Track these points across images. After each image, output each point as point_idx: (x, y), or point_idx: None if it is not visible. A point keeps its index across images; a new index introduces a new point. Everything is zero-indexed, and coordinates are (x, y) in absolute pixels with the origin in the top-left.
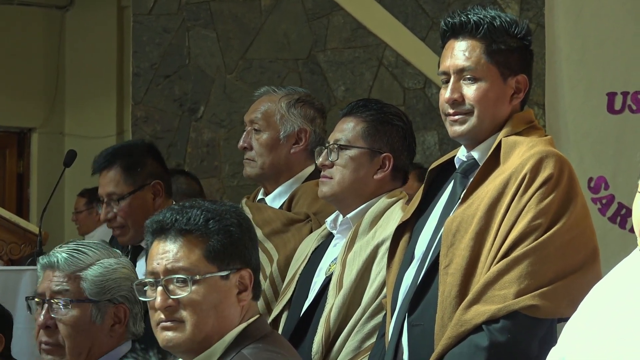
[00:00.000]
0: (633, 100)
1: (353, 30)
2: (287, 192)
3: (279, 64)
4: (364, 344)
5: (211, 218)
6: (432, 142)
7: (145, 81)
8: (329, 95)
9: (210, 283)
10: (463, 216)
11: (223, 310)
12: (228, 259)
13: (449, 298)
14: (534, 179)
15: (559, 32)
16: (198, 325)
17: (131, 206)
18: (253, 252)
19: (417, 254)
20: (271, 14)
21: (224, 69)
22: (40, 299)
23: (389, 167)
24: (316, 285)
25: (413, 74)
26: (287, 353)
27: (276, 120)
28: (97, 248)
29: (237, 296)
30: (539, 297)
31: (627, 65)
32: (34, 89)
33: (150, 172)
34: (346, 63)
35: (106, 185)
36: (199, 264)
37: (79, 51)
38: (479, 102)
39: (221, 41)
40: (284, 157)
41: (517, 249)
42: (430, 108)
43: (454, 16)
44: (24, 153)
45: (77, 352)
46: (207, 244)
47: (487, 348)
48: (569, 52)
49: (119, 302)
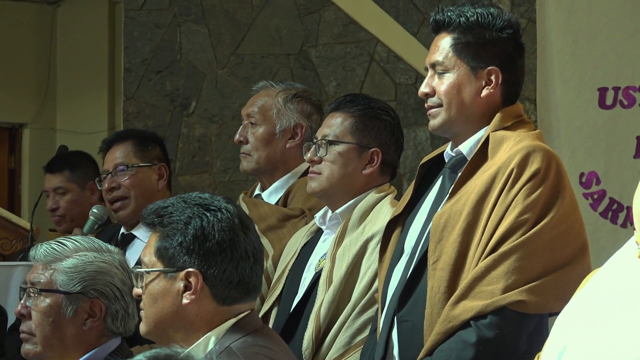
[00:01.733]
0: (624, 95)
1: (344, 25)
2: (284, 187)
3: (270, 59)
4: (355, 339)
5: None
6: (424, 137)
7: (137, 76)
8: (320, 90)
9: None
10: (451, 211)
11: (162, 303)
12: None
13: (437, 294)
14: (521, 174)
15: (551, 27)
16: (146, 317)
17: (137, 178)
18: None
19: (407, 249)
20: (263, 9)
21: (216, 65)
22: (23, 288)
23: (377, 162)
24: (306, 281)
25: (404, 69)
26: (277, 348)
27: (273, 114)
28: (79, 242)
29: (182, 295)
30: (527, 293)
31: (618, 60)
32: (25, 84)
33: (158, 156)
34: (338, 58)
35: (114, 158)
36: (151, 258)
37: (71, 46)
38: (445, 94)
39: (213, 36)
40: (280, 152)
41: (505, 244)
42: (421, 103)
43: (436, 13)
44: (15, 148)
45: (47, 342)
46: (159, 240)
47: (475, 344)
48: (561, 47)
49: (93, 296)
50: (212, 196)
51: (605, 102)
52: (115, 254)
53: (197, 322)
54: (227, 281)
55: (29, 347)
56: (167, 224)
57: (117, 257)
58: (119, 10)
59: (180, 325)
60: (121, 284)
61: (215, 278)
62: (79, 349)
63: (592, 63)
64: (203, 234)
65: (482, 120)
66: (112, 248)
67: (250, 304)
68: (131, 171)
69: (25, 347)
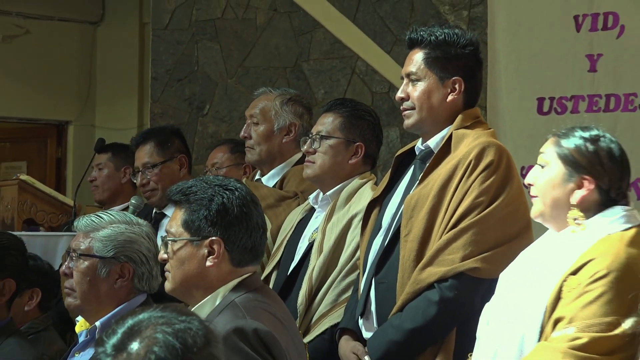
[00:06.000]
0: (558, 104)
1: (332, 44)
2: (280, 174)
3: (270, 71)
4: (340, 298)
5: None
6: (395, 136)
7: (162, 84)
8: (311, 97)
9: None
10: (420, 194)
11: (189, 266)
12: (200, 229)
13: (408, 261)
14: (478, 165)
15: (499, 47)
16: (173, 277)
17: (162, 173)
18: (229, 227)
19: (384, 225)
20: (265, 30)
21: (226, 75)
22: (67, 252)
23: (361, 154)
24: (301, 250)
25: (380, 80)
26: (274, 303)
27: (271, 115)
28: (115, 216)
29: (207, 259)
30: (480, 261)
31: (554, 75)
32: (70, 89)
33: (177, 148)
34: (325, 71)
35: (142, 157)
36: (178, 229)
37: (108, 59)
38: (418, 99)
39: (224, 52)
40: (277, 146)
41: (464, 222)
42: (393, 108)
43: (411, 32)
44: (62, 141)
45: (85, 297)
46: (186, 214)
47: (438, 302)
48: (507, 64)
49: (123, 261)
50: (226, 178)
51: (543, 110)
52: (143, 226)
53: (215, 282)
54: (242, 247)
55: (70, 300)
56: (193, 201)
57: (144, 229)
58: (148, 30)
59: (202, 284)
60: (147, 251)
61: (233, 245)
62: (111, 303)
63: (532, 77)
64: (224, 209)
65: (447, 121)
66: (141, 221)
67: (256, 266)
68: (156, 169)
69: (68, 300)
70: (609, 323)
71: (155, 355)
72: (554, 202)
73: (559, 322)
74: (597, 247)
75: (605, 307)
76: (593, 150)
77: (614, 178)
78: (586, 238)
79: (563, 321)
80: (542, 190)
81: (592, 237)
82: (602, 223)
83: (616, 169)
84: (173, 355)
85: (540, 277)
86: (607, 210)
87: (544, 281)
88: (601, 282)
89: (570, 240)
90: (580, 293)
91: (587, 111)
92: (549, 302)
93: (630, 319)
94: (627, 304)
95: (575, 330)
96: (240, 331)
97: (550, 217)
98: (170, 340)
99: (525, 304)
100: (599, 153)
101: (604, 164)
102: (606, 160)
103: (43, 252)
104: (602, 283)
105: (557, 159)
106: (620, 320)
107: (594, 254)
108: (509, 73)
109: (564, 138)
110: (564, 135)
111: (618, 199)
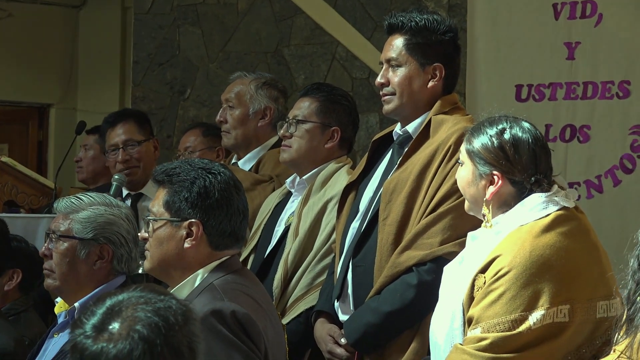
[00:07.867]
0: (536, 91)
1: (312, 30)
2: (255, 157)
3: (251, 56)
4: (315, 281)
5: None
6: (374, 121)
7: (143, 68)
8: (291, 82)
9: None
10: (399, 179)
11: (167, 246)
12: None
13: (386, 245)
14: (457, 150)
15: (478, 35)
16: (151, 256)
17: (143, 150)
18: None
19: (361, 209)
20: (246, 15)
21: (207, 59)
22: (47, 233)
23: (337, 138)
24: (277, 234)
25: (360, 66)
26: (252, 285)
27: (246, 99)
28: (94, 197)
29: (185, 240)
30: (458, 246)
31: (532, 62)
32: (53, 72)
33: (151, 131)
34: (306, 57)
35: (124, 134)
36: (159, 209)
37: (90, 42)
38: (399, 85)
39: (205, 37)
40: (253, 130)
41: (442, 206)
42: (373, 94)
43: (390, 17)
44: (43, 124)
45: (64, 278)
46: (168, 194)
47: (416, 285)
48: (486, 52)
49: (103, 242)
50: (210, 162)
51: (521, 96)
52: (123, 208)
53: (193, 263)
54: (221, 231)
55: (50, 282)
56: (176, 182)
57: (124, 211)
58: (130, 14)
59: (179, 265)
60: (126, 233)
61: (212, 228)
62: (90, 284)
63: (511, 64)
64: (205, 192)
65: (426, 106)
66: (120, 203)
67: (236, 250)
68: (140, 146)
69: (47, 281)
70: (513, 320)
71: (139, 333)
72: (472, 199)
73: (471, 322)
74: (504, 243)
75: (507, 305)
76: (498, 145)
77: (524, 168)
78: (500, 233)
79: (473, 322)
80: (462, 188)
81: (505, 231)
82: (520, 213)
83: (526, 158)
84: (155, 332)
85: (459, 275)
86: (526, 199)
87: (461, 279)
88: (503, 280)
89: (485, 235)
90: (485, 292)
91: (564, 98)
92: (464, 301)
93: (537, 312)
94: (530, 299)
95: (480, 330)
96: (217, 313)
97: (475, 213)
98: (152, 318)
99: (448, 303)
100: (503, 147)
101: (510, 156)
102: (512, 152)
103: (24, 233)
104: (504, 280)
105: (468, 158)
106: (526, 315)
107: (500, 250)
108: (488, 60)
109: (473, 136)
110: (473, 132)
111: (535, 187)
